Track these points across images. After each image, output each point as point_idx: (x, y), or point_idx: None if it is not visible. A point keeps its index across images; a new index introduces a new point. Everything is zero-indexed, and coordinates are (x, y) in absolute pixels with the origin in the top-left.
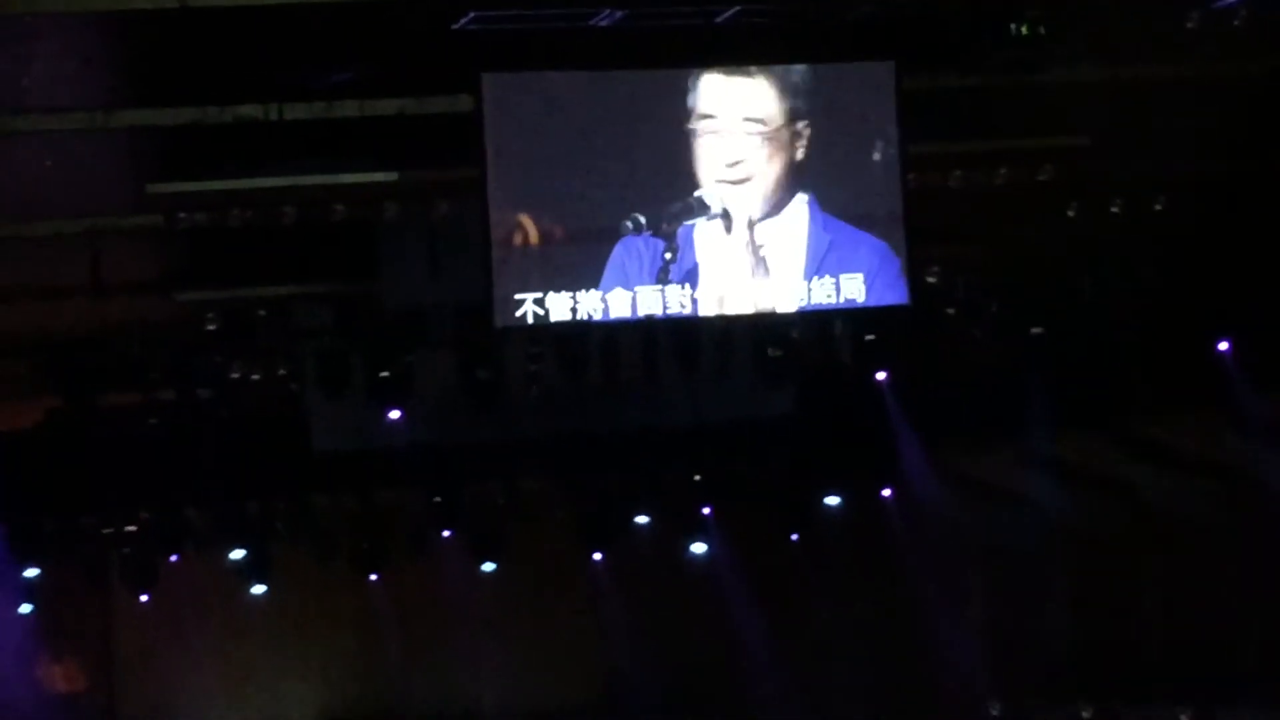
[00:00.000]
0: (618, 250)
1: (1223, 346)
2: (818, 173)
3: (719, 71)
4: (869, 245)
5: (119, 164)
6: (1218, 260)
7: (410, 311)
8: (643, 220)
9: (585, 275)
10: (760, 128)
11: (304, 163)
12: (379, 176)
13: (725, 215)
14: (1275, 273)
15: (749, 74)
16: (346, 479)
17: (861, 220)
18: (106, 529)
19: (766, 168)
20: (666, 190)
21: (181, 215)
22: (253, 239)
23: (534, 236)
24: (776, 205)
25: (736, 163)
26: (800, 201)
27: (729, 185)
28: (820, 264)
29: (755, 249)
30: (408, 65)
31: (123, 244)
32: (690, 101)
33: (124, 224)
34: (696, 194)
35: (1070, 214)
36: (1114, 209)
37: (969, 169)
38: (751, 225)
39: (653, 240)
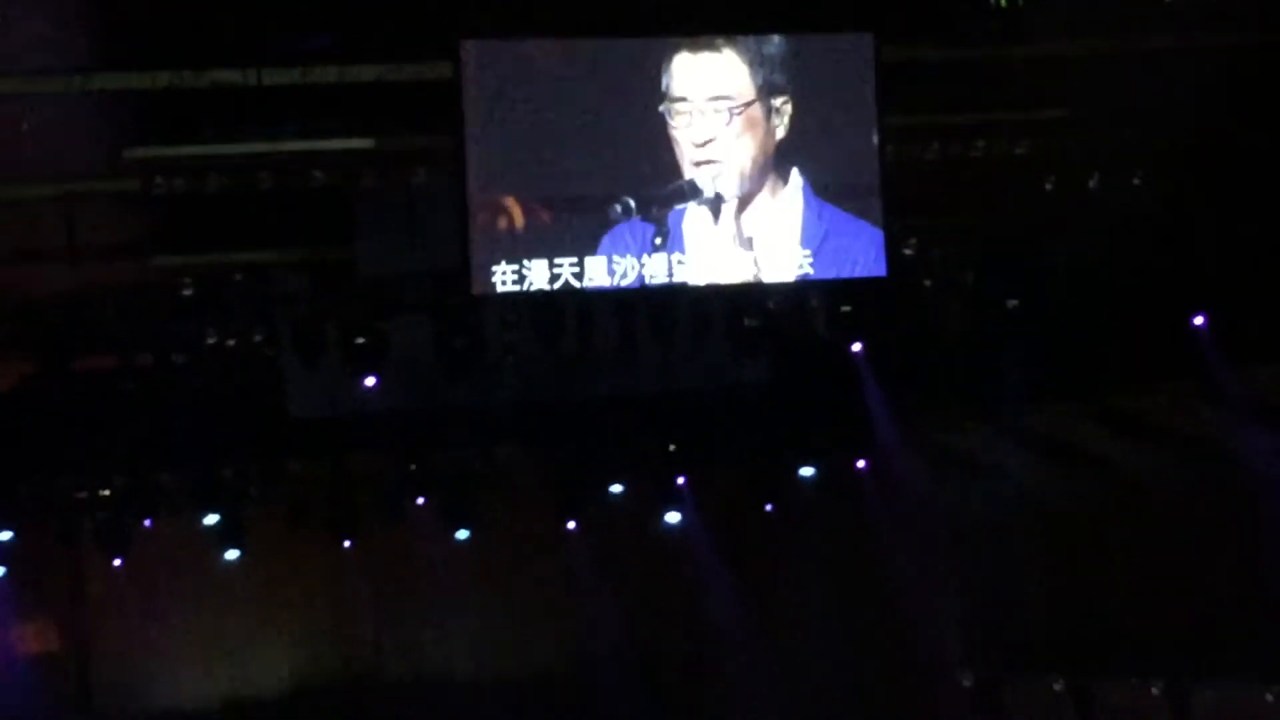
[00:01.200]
0: (605, 241)
1: (1198, 321)
2: (803, 150)
3: (687, 50)
4: (868, 236)
5: (95, 128)
6: (1195, 234)
7: (387, 278)
8: (632, 204)
9: (568, 251)
10: (728, 103)
11: (281, 129)
12: (356, 143)
13: (715, 199)
14: (1252, 247)
15: (716, 49)
16: (321, 445)
17: (842, 194)
18: (80, 493)
19: (738, 144)
20: (651, 170)
21: (158, 180)
22: (229, 205)
23: (518, 213)
24: (760, 184)
25: (707, 142)
26: (794, 187)
27: (705, 166)
28: (816, 252)
29: (745, 236)
30: (386, 31)
31: (98, 208)
32: (664, 84)
33: (100, 188)
34: (688, 177)
35: (1048, 187)
36: (1091, 182)
37: (947, 141)
38: (741, 209)
39: (642, 225)
